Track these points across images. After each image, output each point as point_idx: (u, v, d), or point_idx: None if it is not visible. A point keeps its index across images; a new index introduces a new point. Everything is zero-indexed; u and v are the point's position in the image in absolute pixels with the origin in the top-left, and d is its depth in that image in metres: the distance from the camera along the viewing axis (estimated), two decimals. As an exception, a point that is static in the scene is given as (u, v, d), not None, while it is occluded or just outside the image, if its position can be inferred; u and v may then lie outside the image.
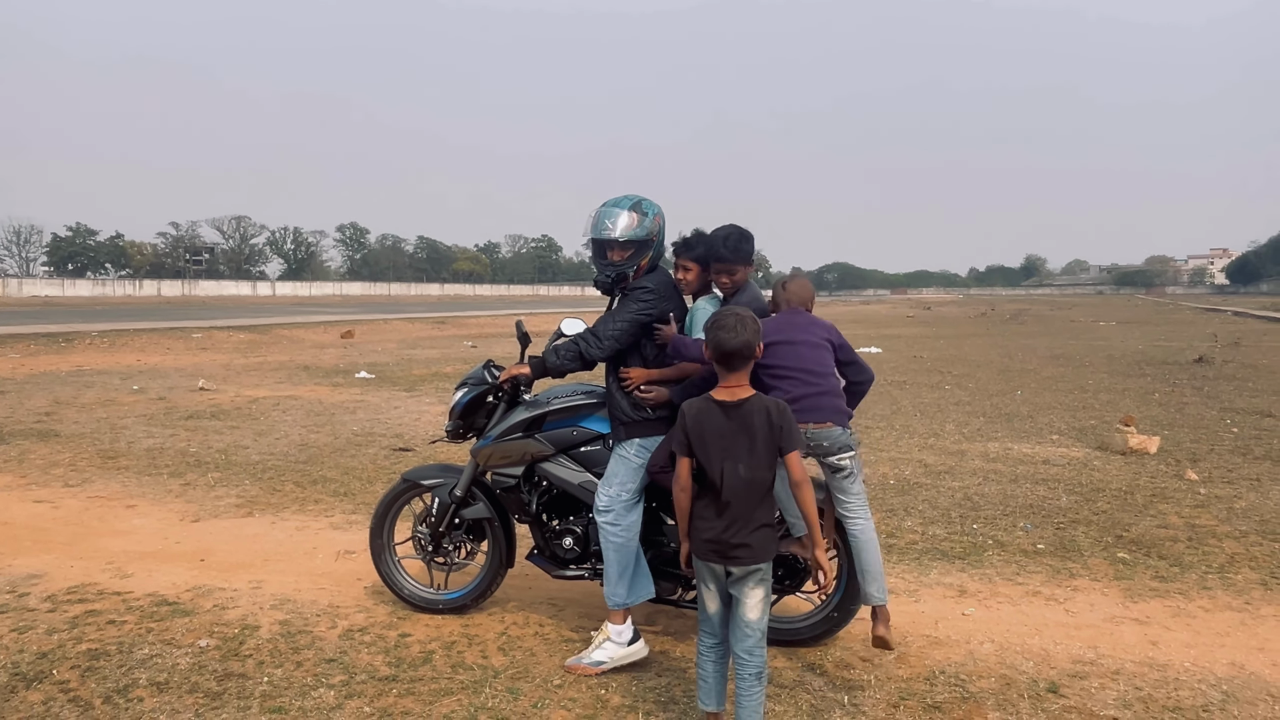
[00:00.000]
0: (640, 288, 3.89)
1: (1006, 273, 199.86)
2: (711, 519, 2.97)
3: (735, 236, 3.85)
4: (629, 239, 3.82)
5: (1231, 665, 3.76)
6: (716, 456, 2.93)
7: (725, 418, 2.94)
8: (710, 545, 2.97)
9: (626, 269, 3.87)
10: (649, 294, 3.86)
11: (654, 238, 3.89)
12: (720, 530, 2.95)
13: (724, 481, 2.92)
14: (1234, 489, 6.74)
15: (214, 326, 26.06)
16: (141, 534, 5.71)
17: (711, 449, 2.93)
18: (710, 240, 3.91)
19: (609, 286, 3.97)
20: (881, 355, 20.00)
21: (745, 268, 3.88)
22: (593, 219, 3.89)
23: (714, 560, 2.98)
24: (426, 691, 3.51)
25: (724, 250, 3.83)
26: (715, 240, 3.88)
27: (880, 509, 6.20)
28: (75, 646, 3.89)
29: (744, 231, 3.89)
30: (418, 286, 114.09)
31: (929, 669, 3.70)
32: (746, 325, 2.98)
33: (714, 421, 2.95)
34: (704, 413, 2.97)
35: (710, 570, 3.02)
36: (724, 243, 3.84)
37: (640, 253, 3.86)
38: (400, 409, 11.22)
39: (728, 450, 2.92)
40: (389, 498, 4.42)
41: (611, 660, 3.71)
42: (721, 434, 2.93)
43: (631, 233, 3.82)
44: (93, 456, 8.06)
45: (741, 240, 3.86)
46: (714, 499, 2.96)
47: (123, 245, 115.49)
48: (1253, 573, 4.88)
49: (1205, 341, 22.41)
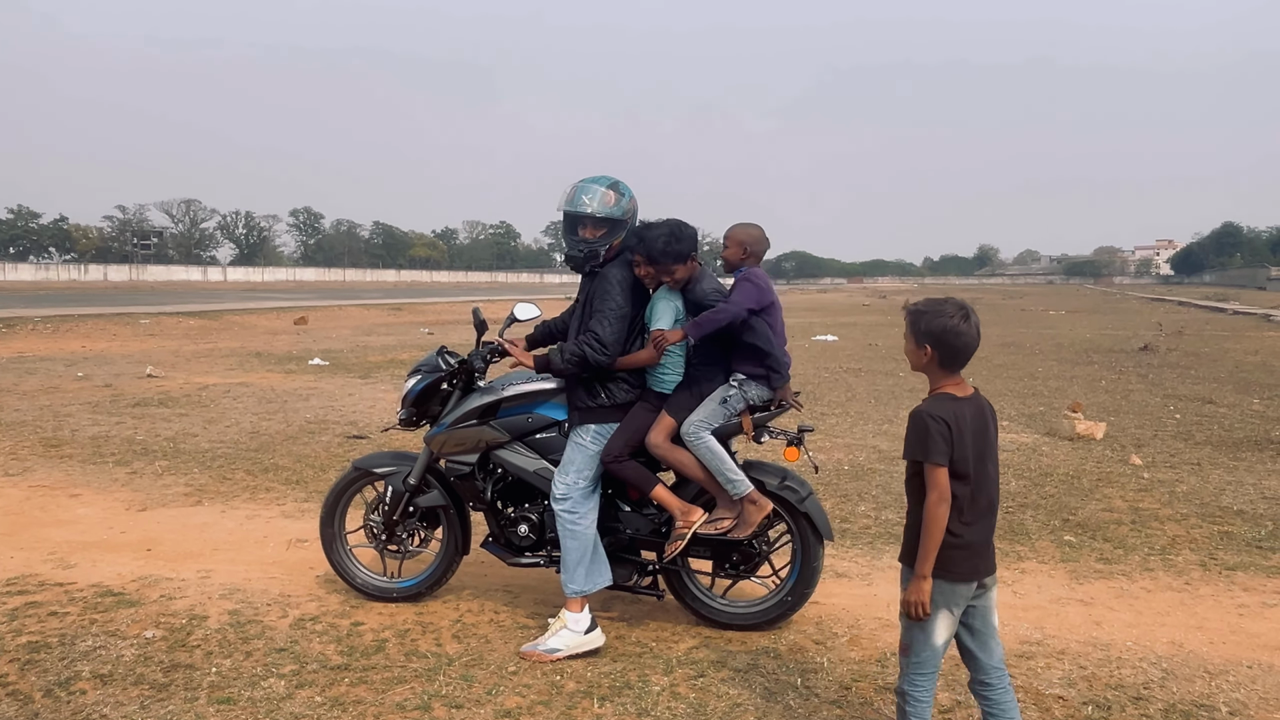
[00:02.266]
0: (609, 281, 3.85)
1: (960, 262, 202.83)
2: (974, 524, 2.66)
3: (665, 238, 3.74)
4: (604, 216, 3.83)
5: (1171, 644, 3.87)
6: (975, 456, 2.64)
7: (972, 415, 2.68)
8: (971, 558, 2.65)
9: (598, 247, 3.87)
10: (620, 286, 3.84)
11: (628, 219, 3.89)
12: (983, 537, 2.69)
13: (984, 482, 2.68)
14: (1176, 473, 6.93)
15: (163, 312, 25.47)
16: (85, 523, 5.57)
17: (971, 449, 2.63)
18: (645, 246, 3.80)
19: (580, 263, 3.94)
20: (838, 343, 20.21)
21: (682, 266, 3.81)
22: (568, 193, 3.88)
23: (980, 576, 2.68)
24: (379, 680, 3.48)
25: (656, 255, 3.77)
26: (648, 241, 3.78)
27: (834, 494, 6.27)
28: (14, 639, 3.78)
29: (677, 230, 3.76)
30: (374, 272, 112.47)
31: (880, 651, 3.75)
32: (971, 318, 2.69)
33: (968, 420, 2.66)
34: (958, 411, 2.65)
35: (955, 592, 2.66)
36: (654, 245, 3.76)
37: (613, 232, 3.86)
38: (355, 396, 11.08)
39: (983, 449, 2.67)
40: (340, 486, 4.37)
41: (567, 648, 3.70)
42: (975, 432, 2.66)
43: (607, 210, 3.83)
44: (35, 445, 7.84)
45: (671, 240, 3.74)
46: (971, 504, 2.65)
47: (67, 229, 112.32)
48: (1192, 554, 5.02)
49: (1150, 330, 23.00)
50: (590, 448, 3.86)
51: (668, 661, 3.66)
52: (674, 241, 3.75)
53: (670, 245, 3.74)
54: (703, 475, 3.81)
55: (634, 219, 3.92)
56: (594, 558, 3.85)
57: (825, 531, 3.91)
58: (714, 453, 3.77)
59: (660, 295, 3.95)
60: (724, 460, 3.76)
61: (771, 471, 3.97)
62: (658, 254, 3.75)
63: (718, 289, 3.92)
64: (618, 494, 4.07)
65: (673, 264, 3.78)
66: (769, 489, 3.88)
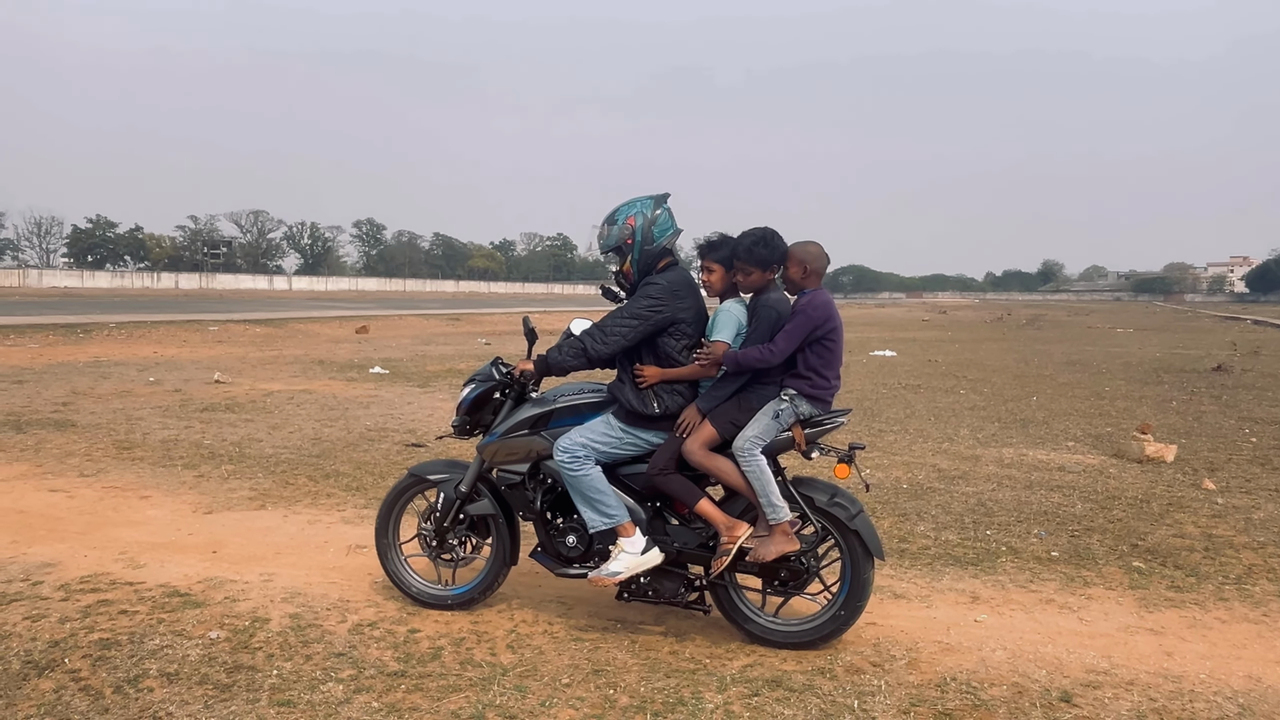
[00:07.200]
0: (651, 284, 3.94)
1: (1023, 277, 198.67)
2: None
3: (752, 240, 3.88)
4: (604, 248, 4.08)
5: (1248, 678, 3.71)
6: None
7: None
8: None
9: (619, 273, 4.11)
10: (659, 290, 3.92)
11: (629, 240, 3.99)
12: None
13: None
14: (1252, 499, 6.66)
15: (230, 320, 26.21)
16: (155, 525, 5.74)
17: None
18: (734, 242, 3.96)
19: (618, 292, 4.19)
20: (896, 359, 19.91)
21: (759, 272, 3.88)
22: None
23: None
24: (435, 688, 3.51)
25: (740, 251, 3.90)
26: (737, 241, 3.94)
27: (893, 513, 6.17)
28: (87, 636, 3.91)
29: (768, 237, 3.89)
30: (433, 283, 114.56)
31: (940, 675, 3.67)
32: None
33: None
34: None
35: None
36: (741, 243, 3.90)
37: (623, 256, 4.04)
38: (414, 405, 11.24)
39: None
40: (394, 493, 4.44)
41: (627, 570, 3.87)
42: None
43: (604, 243, 4.06)
44: (108, 447, 8.12)
45: (757, 244, 3.86)
46: None
47: (142, 238, 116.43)
48: (1270, 584, 4.82)
49: (1224, 350, 22.18)
50: (615, 433, 3.97)
51: (721, 679, 3.62)
52: (760, 245, 3.87)
53: (756, 248, 3.87)
54: (743, 484, 3.82)
55: (638, 235, 3.98)
56: (603, 497, 3.89)
57: (875, 550, 3.86)
58: (763, 473, 3.77)
59: (726, 307, 3.99)
60: (769, 483, 3.77)
61: (821, 488, 3.93)
62: (742, 251, 3.88)
63: (780, 299, 3.97)
64: (665, 507, 4.07)
65: (752, 266, 3.87)
66: (818, 505, 3.87)
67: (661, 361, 3.95)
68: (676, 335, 3.95)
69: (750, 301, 4.01)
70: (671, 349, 3.94)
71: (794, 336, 3.79)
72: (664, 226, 4.00)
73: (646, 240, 3.98)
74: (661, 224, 4.00)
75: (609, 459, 3.98)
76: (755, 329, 3.88)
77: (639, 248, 3.98)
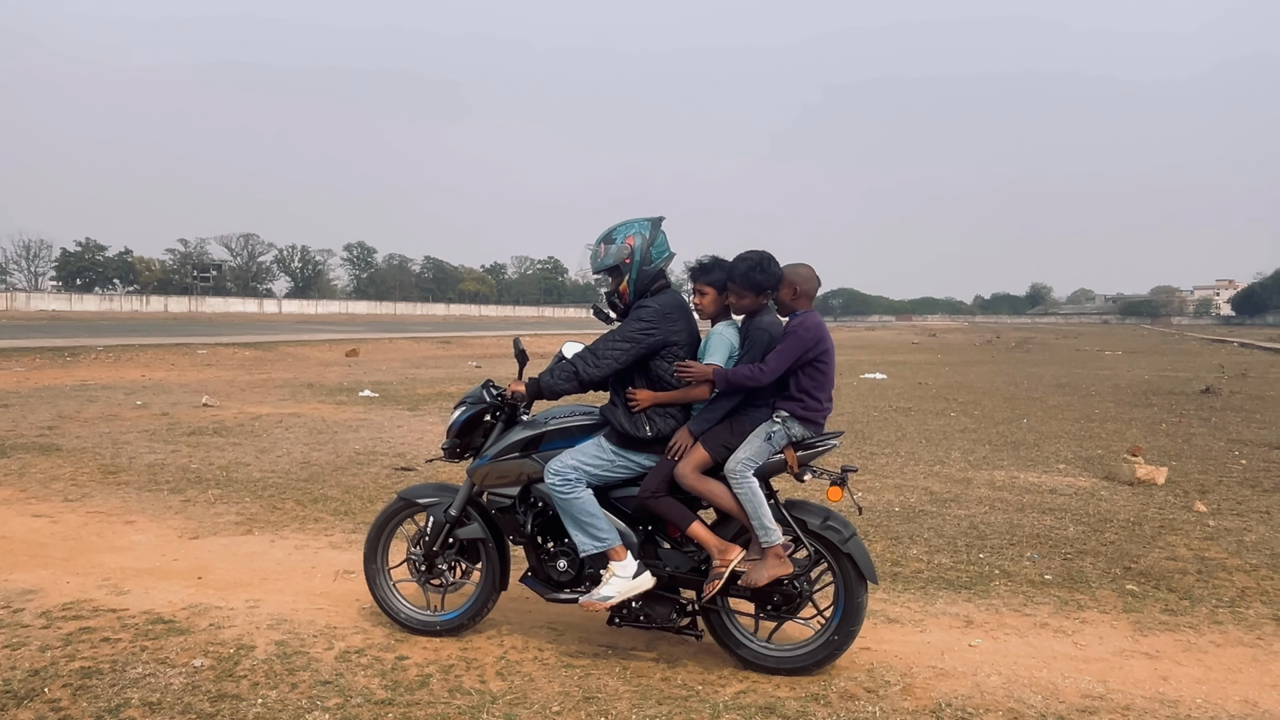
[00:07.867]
0: (643, 307, 3.93)
1: (1012, 300, 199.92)
2: None
3: (748, 265, 3.88)
4: (600, 267, 4.05)
5: (1244, 702, 3.68)
6: None
7: None
8: None
9: (614, 293, 4.09)
10: (651, 314, 3.92)
11: (627, 260, 3.98)
12: None
13: None
14: (1244, 521, 6.66)
15: (219, 343, 26.11)
16: (139, 550, 5.66)
17: None
18: (729, 266, 3.96)
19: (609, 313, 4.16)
20: (887, 381, 19.94)
21: (753, 297, 3.89)
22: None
23: None
24: (423, 716, 3.45)
25: (736, 276, 3.91)
26: (733, 266, 3.94)
27: (885, 536, 6.14)
28: (68, 664, 3.83)
29: (764, 262, 3.89)
30: (424, 306, 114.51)
31: (935, 701, 3.63)
32: None
33: None
34: None
35: None
36: (738, 267, 3.91)
37: (619, 276, 4.02)
38: (403, 428, 11.18)
39: None
40: (383, 517, 4.39)
41: (619, 594, 3.83)
42: None
43: (601, 262, 4.04)
44: (94, 471, 8.03)
45: (753, 270, 3.87)
46: None
47: (131, 261, 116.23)
48: (1265, 607, 4.80)
49: (1212, 372, 22.30)
50: (607, 455, 3.93)
51: (714, 706, 3.57)
52: (757, 271, 3.88)
53: (752, 273, 3.87)
54: (735, 507, 3.80)
55: (636, 255, 3.97)
56: (594, 520, 3.86)
57: (869, 573, 3.83)
58: (755, 496, 3.75)
59: (718, 330, 3.99)
60: (761, 506, 3.75)
61: (814, 511, 3.91)
62: (738, 276, 3.89)
63: (772, 323, 3.97)
64: (657, 531, 4.04)
65: (746, 290, 3.88)
66: (811, 528, 3.85)
67: (654, 385, 3.94)
68: (669, 358, 3.93)
69: (743, 324, 4.00)
70: (664, 372, 3.92)
71: (785, 357, 3.79)
72: (661, 248, 4.01)
73: (645, 261, 3.97)
74: (659, 246, 4.01)
75: (600, 482, 3.94)
76: (748, 351, 3.87)
77: (637, 267, 3.97)
